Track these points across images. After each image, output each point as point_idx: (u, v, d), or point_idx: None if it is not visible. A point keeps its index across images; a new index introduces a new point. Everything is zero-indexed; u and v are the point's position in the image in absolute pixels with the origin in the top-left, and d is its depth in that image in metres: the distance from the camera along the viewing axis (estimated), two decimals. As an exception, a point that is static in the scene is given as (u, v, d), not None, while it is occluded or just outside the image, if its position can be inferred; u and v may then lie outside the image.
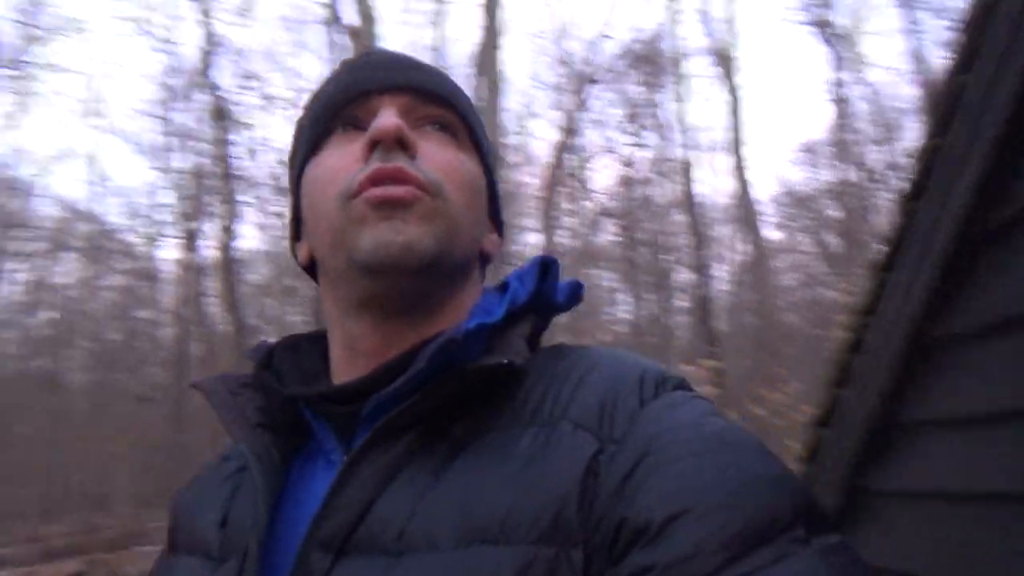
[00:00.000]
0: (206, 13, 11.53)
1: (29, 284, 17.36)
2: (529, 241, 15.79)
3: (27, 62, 14.00)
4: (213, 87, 11.54)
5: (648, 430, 0.53)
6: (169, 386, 15.53)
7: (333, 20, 9.51)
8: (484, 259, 0.73)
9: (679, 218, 16.54)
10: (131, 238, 17.43)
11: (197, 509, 0.67)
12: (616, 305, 18.94)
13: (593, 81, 13.48)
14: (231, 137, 11.64)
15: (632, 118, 16.06)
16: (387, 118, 0.63)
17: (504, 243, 0.78)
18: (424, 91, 0.67)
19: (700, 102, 30.41)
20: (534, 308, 0.66)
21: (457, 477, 0.54)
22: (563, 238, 16.43)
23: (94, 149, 27.36)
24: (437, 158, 0.65)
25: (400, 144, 0.62)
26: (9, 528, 11.46)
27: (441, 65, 1.04)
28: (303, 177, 0.68)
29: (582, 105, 13.46)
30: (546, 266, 0.67)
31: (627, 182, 16.73)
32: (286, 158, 0.76)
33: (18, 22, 12.67)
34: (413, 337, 0.64)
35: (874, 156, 14.52)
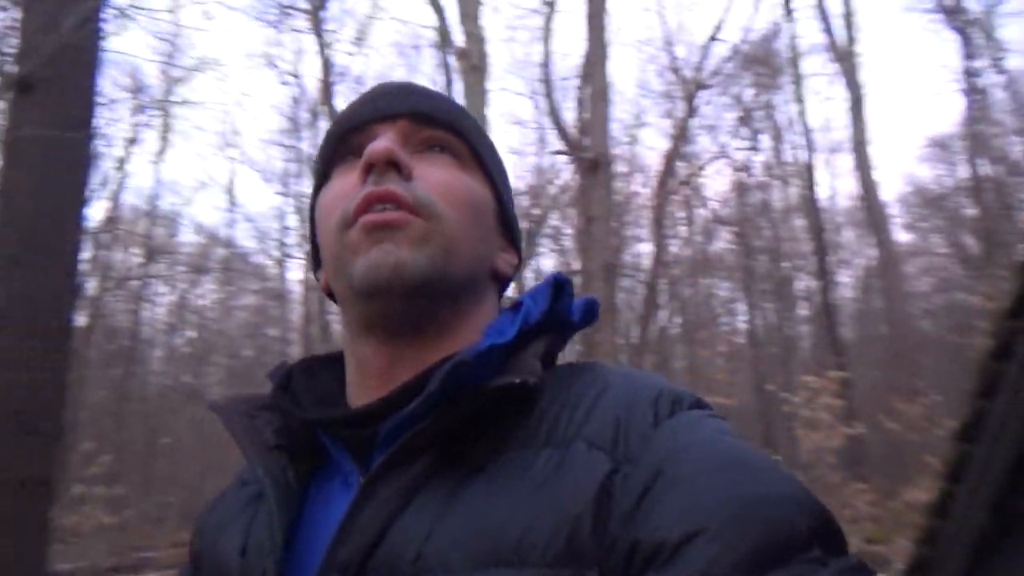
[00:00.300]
0: (325, 45, 12.14)
1: (172, 306, 18.72)
2: (642, 251, 15.61)
3: (170, 100, 15.15)
4: (333, 115, 12.13)
5: (662, 449, 0.53)
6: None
7: (443, 43, 9.79)
8: (500, 280, 0.73)
9: (799, 223, 15.89)
10: (262, 261, 18.49)
11: (219, 534, 0.68)
12: (734, 315, 18.39)
13: (704, 86, 13.19)
14: (350, 161, 12.18)
15: (745, 122, 15.61)
16: (379, 142, 0.64)
17: (521, 263, 0.77)
18: (422, 114, 0.68)
19: (819, 101, 29.15)
20: (548, 327, 0.66)
21: (472, 499, 0.54)
22: (676, 247, 16.15)
23: (229, 178, 29.24)
24: (433, 178, 0.65)
25: (394, 166, 0.63)
26: (154, 533, 12.31)
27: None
28: (315, 207, 0.70)
29: (693, 111, 13.19)
30: (559, 285, 0.67)
31: (742, 188, 16.25)
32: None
33: (161, 63, 13.75)
34: (422, 358, 0.64)
35: (1014, 148, 13.44)
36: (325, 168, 0.71)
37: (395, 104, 0.68)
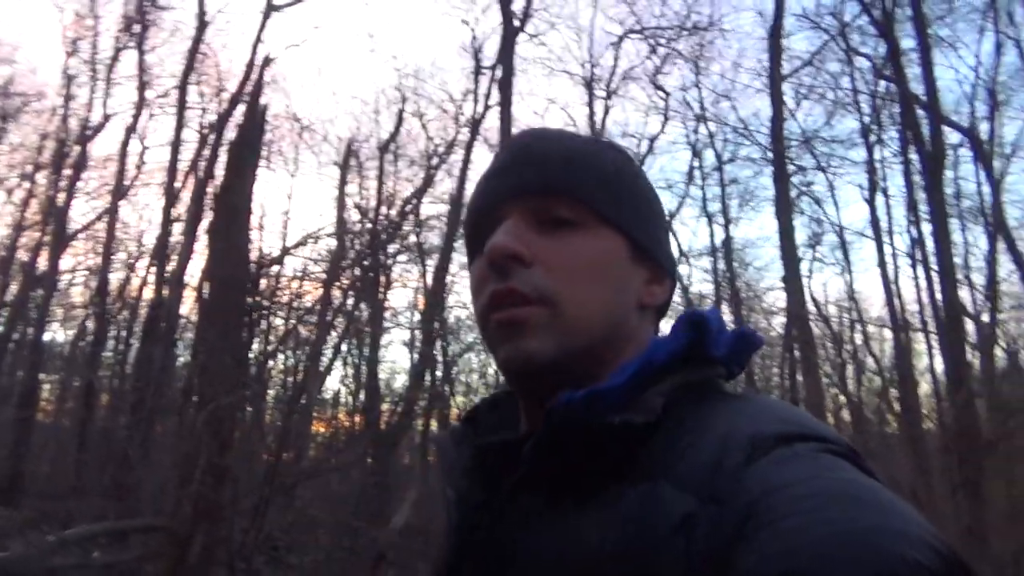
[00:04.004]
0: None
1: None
2: None
3: None
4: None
5: (755, 490, 0.52)
6: None
7: None
8: (655, 307, 0.76)
9: None
10: None
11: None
12: None
13: None
14: None
15: None
16: (497, 238, 0.70)
17: (675, 284, 0.79)
18: (539, 191, 0.72)
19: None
20: (683, 363, 0.67)
21: (575, 527, 0.60)
22: None
23: None
24: (552, 260, 0.70)
25: (513, 259, 0.69)
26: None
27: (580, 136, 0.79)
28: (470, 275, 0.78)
29: None
30: (696, 323, 0.68)
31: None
32: None
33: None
34: None
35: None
36: (470, 249, 0.79)
37: (513, 183, 0.74)
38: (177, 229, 14.72)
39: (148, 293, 15.11)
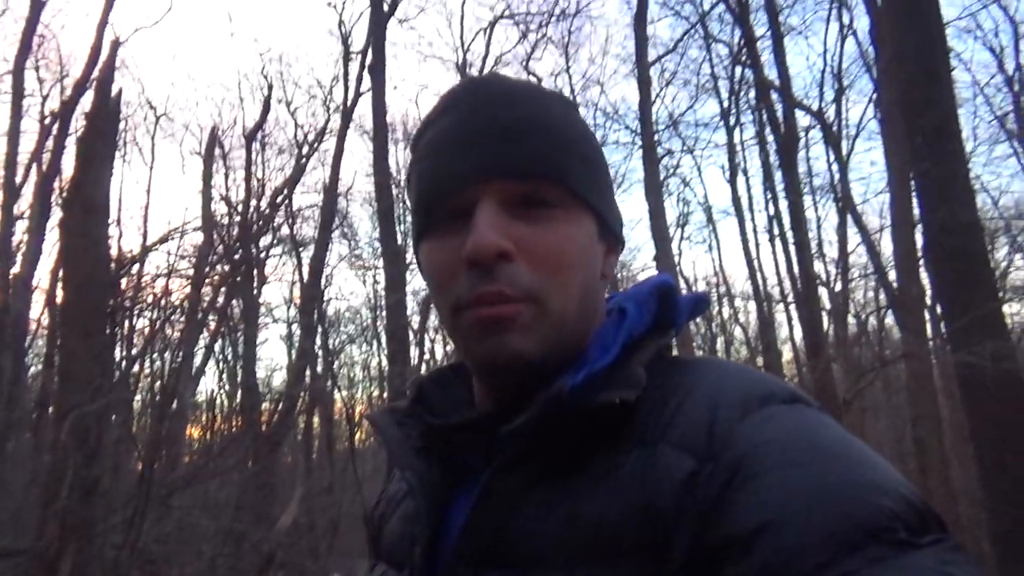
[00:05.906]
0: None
1: None
2: None
3: None
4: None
5: (744, 445, 0.54)
6: None
7: None
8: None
9: None
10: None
11: (384, 523, 0.77)
12: None
13: None
14: None
15: None
16: (481, 235, 0.63)
17: (623, 246, 0.78)
18: (520, 173, 0.66)
19: None
20: (654, 331, 0.68)
21: (572, 500, 0.59)
22: None
23: None
24: (536, 250, 0.65)
25: (501, 257, 0.64)
26: None
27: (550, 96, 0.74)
28: (419, 251, 0.72)
29: None
30: (665, 293, 0.69)
31: None
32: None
33: None
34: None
35: None
36: (422, 223, 0.71)
37: (491, 160, 0.66)
38: (21, 228, 13.60)
39: (-10, 298, 13.85)
